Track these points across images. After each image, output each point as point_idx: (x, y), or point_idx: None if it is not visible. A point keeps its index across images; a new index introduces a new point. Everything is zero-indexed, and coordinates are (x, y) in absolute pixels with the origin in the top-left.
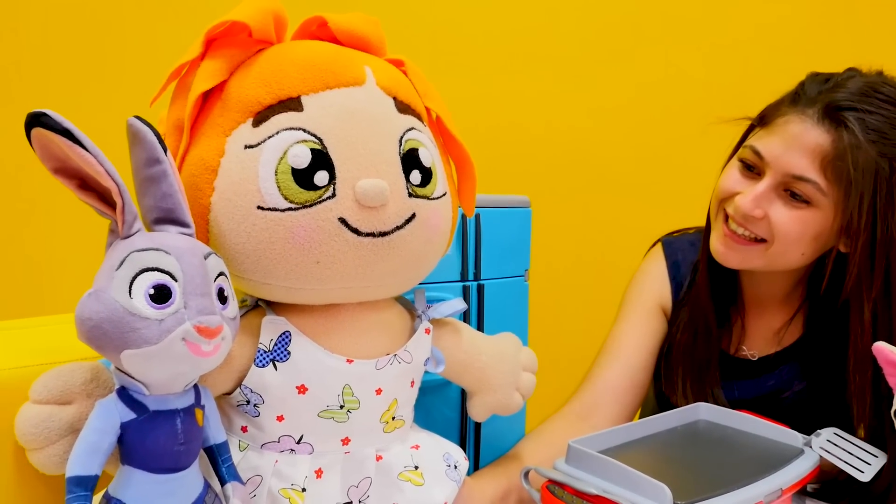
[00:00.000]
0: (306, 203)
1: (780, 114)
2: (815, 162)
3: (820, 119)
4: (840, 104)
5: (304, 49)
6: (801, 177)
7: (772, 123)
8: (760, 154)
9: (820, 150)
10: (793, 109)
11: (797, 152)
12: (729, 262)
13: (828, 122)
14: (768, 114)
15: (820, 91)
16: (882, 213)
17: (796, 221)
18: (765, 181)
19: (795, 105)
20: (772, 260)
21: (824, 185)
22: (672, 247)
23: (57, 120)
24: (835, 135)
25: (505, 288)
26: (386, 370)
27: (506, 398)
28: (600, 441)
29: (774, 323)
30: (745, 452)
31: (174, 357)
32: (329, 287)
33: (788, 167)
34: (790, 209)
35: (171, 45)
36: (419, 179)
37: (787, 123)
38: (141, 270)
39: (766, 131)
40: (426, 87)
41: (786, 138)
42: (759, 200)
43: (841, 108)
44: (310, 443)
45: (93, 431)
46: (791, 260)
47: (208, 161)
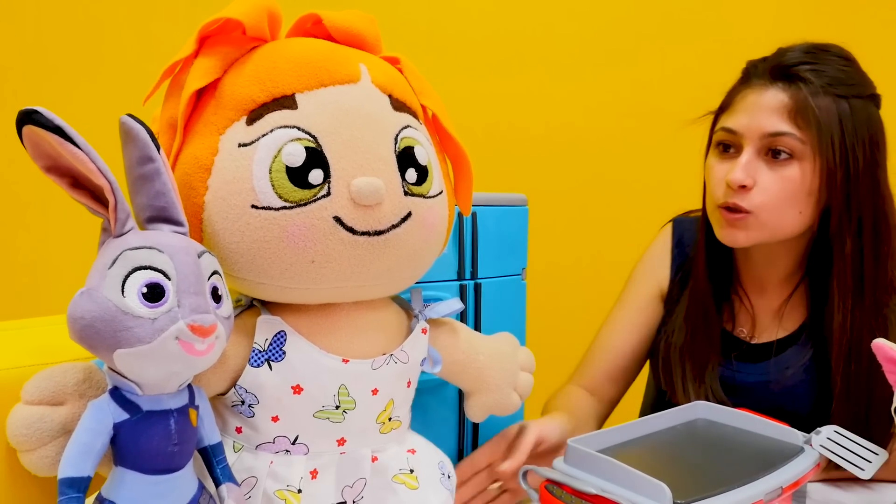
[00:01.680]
0: (301, 202)
1: (736, 94)
2: (783, 116)
3: (772, 82)
4: (787, 63)
5: (298, 46)
6: (775, 132)
7: (732, 104)
8: (731, 129)
9: (783, 106)
10: (746, 85)
11: (763, 114)
12: (738, 242)
13: (780, 82)
14: (726, 101)
15: (764, 64)
16: (851, 149)
17: (783, 180)
18: (746, 151)
19: (747, 81)
20: (772, 226)
21: (799, 133)
22: (682, 225)
23: (48, 117)
24: (791, 90)
25: (502, 287)
26: (382, 370)
27: (503, 398)
28: (599, 440)
29: (776, 305)
30: (745, 451)
31: (167, 356)
32: (324, 286)
33: (761, 128)
34: (775, 170)
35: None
36: (415, 178)
37: (745, 97)
38: (134, 269)
39: (730, 112)
40: (422, 85)
41: (749, 108)
42: (747, 168)
43: (789, 66)
44: (305, 443)
45: (85, 432)
46: (791, 222)
47: (202, 159)
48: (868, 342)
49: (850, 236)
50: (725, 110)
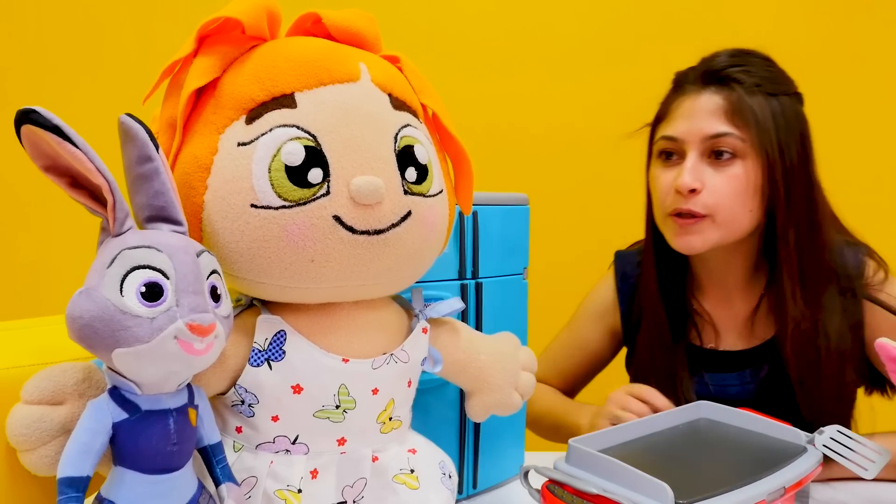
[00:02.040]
0: (300, 201)
1: (669, 103)
2: (721, 117)
3: (704, 86)
4: (716, 67)
5: (297, 45)
6: (716, 134)
7: (668, 113)
8: (672, 136)
9: (719, 108)
10: (679, 93)
11: (701, 117)
12: (694, 248)
13: (713, 86)
14: (661, 111)
15: (694, 70)
16: (786, 144)
17: (730, 179)
18: (690, 156)
19: (680, 90)
20: (726, 228)
21: (738, 132)
22: (624, 259)
23: (46, 116)
24: (724, 92)
25: (503, 286)
26: (382, 370)
27: (505, 398)
28: (600, 440)
29: (742, 313)
30: (748, 450)
31: (166, 356)
32: (324, 286)
33: (701, 131)
34: (721, 171)
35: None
36: (415, 177)
37: (681, 104)
38: (132, 268)
39: (666, 121)
40: (422, 84)
41: (686, 114)
42: (694, 172)
43: (719, 70)
44: (305, 443)
45: (84, 432)
46: (743, 221)
47: (201, 159)
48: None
49: (792, 228)
50: (662, 120)
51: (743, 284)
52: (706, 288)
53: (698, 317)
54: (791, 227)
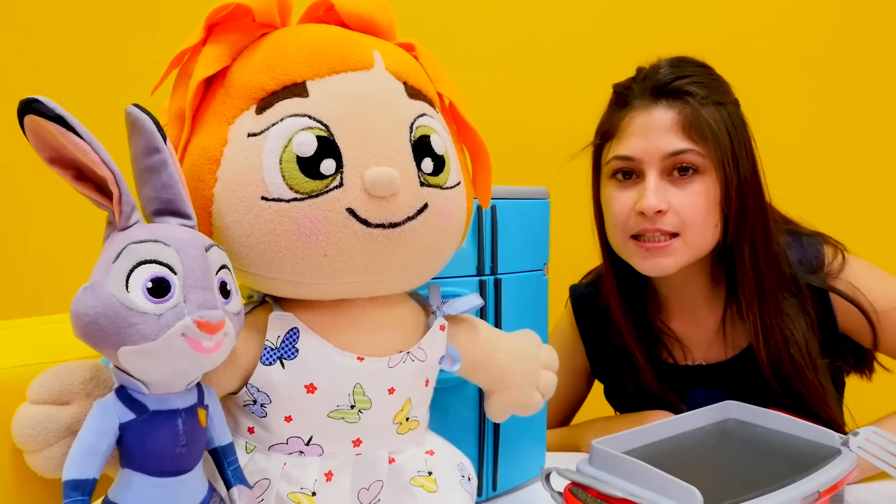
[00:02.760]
0: (312, 193)
1: (618, 120)
2: (678, 133)
3: (655, 101)
4: (664, 81)
5: (309, 32)
6: (675, 151)
7: (618, 131)
8: (628, 156)
9: (674, 122)
10: (627, 109)
11: (658, 134)
12: (665, 270)
13: (664, 99)
14: (607, 128)
15: (638, 84)
16: (740, 155)
17: (695, 196)
18: (650, 175)
19: (626, 105)
20: (694, 247)
21: (697, 147)
22: (578, 293)
23: (49, 106)
24: (677, 105)
25: (523, 282)
26: (399, 368)
27: (525, 397)
28: (625, 441)
29: (711, 325)
30: (779, 453)
31: (174, 354)
32: (338, 281)
33: (661, 149)
34: (684, 188)
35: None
36: (431, 167)
37: (632, 121)
38: (138, 263)
39: (618, 139)
40: (438, 72)
41: (640, 131)
42: (658, 193)
43: (667, 83)
44: (319, 444)
45: (90, 433)
46: (709, 238)
47: (210, 150)
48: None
49: (747, 243)
50: (611, 138)
51: (706, 297)
52: (671, 306)
53: (666, 336)
54: (745, 241)
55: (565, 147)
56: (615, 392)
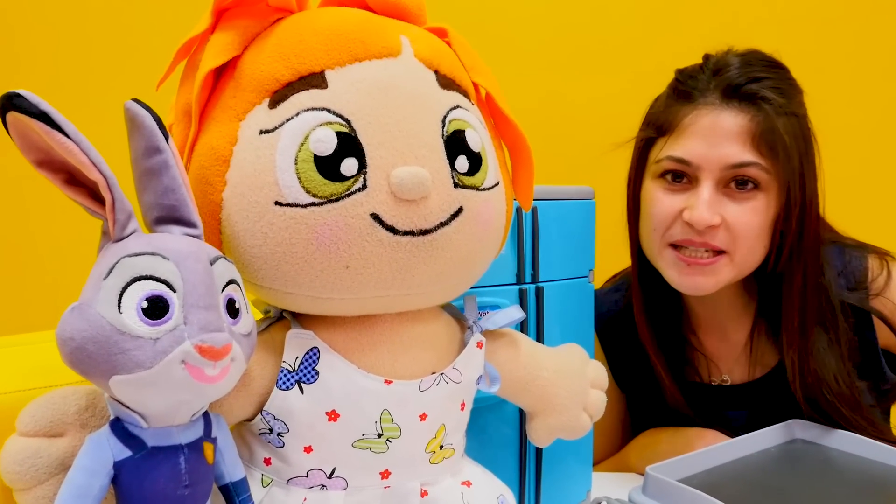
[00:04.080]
0: (332, 197)
1: (679, 115)
2: (746, 143)
3: (726, 102)
4: (737, 82)
5: (328, 16)
6: (739, 163)
7: (677, 128)
8: (685, 160)
9: (745, 130)
10: (692, 106)
11: (723, 142)
12: (702, 290)
13: (735, 101)
14: (662, 122)
15: (706, 78)
16: (808, 175)
17: (752, 213)
18: (705, 185)
19: (690, 99)
20: (741, 267)
21: (763, 162)
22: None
23: (32, 101)
24: (750, 111)
25: (567, 291)
26: (431, 392)
27: (572, 420)
28: (680, 467)
29: (738, 343)
30: (853, 478)
31: (172, 383)
32: (362, 296)
33: (724, 159)
34: (741, 203)
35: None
36: (466, 167)
37: (696, 120)
38: (133, 279)
39: (676, 137)
40: (474, 60)
41: (703, 134)
42: (712, 205)
43: (741, 85)
44: (343, 477)
45: (81, 472)
46: (758, 257)
47: (219, 150)
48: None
49: (799, 273)
50: (667, 134)
51: (736, 313)
52: (699, 319)
53: (693, 352)
54: (798, 271)
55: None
56: (638, 406)
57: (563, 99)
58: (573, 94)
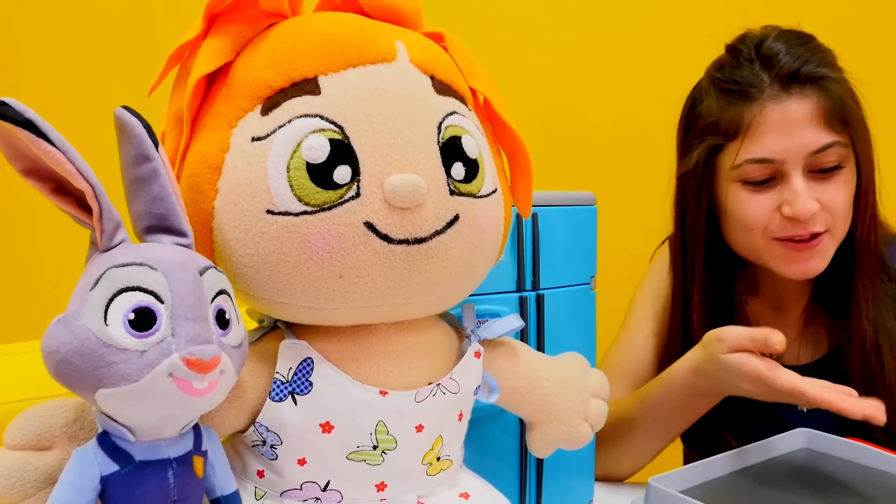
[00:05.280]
0: (325, 205)
1: (748, 116)
2: (820, 125)
3: (786, 91)
4: (793, 68)
5: (322, 21)
6: (821, 147)
7: (748, 130)
8: (768, 159)
9: (814, 113)
10: (756, 103)
11: (798, 130)
12: (816, 271)
13: (795, 87)
14: (730, 126)
15: (758, 72)
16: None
17: (843, 187)
18: (795, 176)
19: (752, 99)
20: (838, 241)
21: (841, 138)
22: None
23: (18, 109)
24: (812, 92)
25: (568, 298)
26: (428, 403)
27: (573, 430)
28: (684, 478)
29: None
30: (861, 490)
31: (160, 397)
32: (356, 305)
33: (805, 147)
34: (831, 182)
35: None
36: (463, 174)
37: (766, 116)
38: (119, 290)
39: (749, 138)
40: (471, 65)
41: (777, 128)
42: (809, 195)
43: (797, 70)
44: (338, 490)
45: (67, 487)
46: (849, 226)
47: (211, 158)
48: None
49: (873, 235)
50: (736, 137)
51: (798, 290)
52: (761, 293)
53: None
54: (872, 234)
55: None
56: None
57: (566, 103)
58: (576, 99)
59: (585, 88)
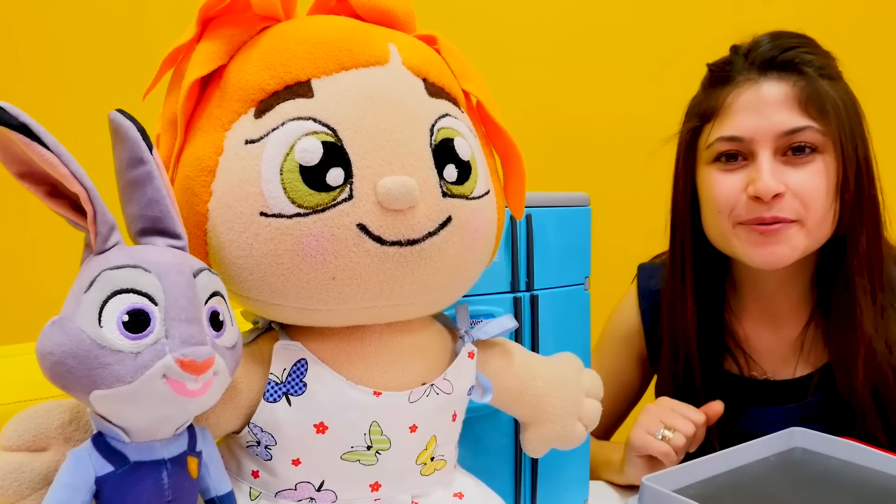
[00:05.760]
0: (318, 207)
1: (719, 98)
2: (794, 109)
3: (764, 74)
4: (771, 54)
5: (315, 25)
6: (793, 129)
7: (721, 109)
8: (737, 136)
9: (788, 97)
10: (730, 86)
11: (770, 110)
12: (781, 260)
13: (773, 72)
14: (705, 109)
15: (740, 59)
16: (858, 135)
17: (816, 175)
18: (763, 155)
19: (728, 81)
20: (813, 235)
21: (816, 124)
22: (646, 273)
23: (12, 113)
24: (790, 78)
25: (562, 298)
26: (421, 403)
27: (566, 429)
28: (678, 477)
29: (789, 337)
30: (854, 489)
31: (154, 398)
32: (350, 307)
33: (776, 127)
34: (803, 168)
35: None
36: (455, 176)
37: (738, 97)
38: (113, 293)
39: (721, 118)
40: (464, 68)
41: (749, 108)
42: (774, 174)
43: (776, 56)
44: (332, 490)
45: (62, 488)
46: (827, 226)
47: (204, 160)
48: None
49: (863, 235)
50: (711, 119)
51: (795, 305)
52: (751, 310)
53: (735, 340)
54: (861, 233)
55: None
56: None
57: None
58: (570, 100)
59: (579, 90)
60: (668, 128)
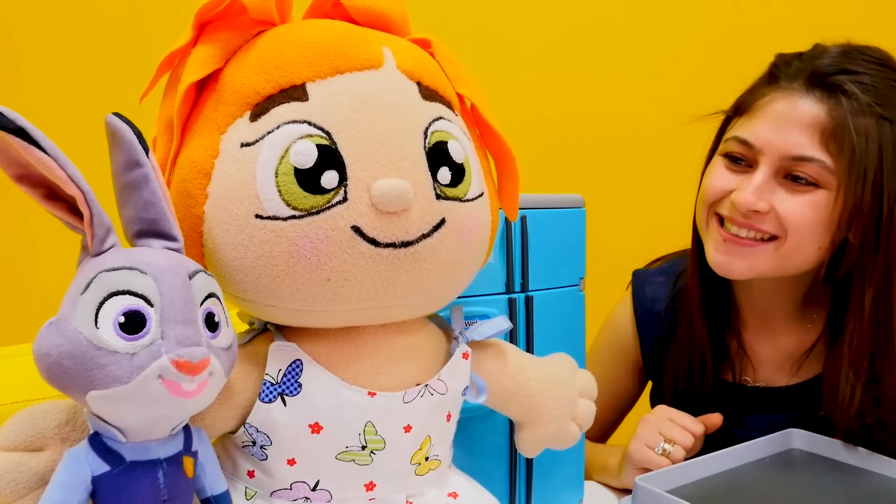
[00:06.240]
0: (312, 210)
1: (759, 96)
2: (815, 137)
3: (807, 90)
4: (826, 70)
5: (310, 29)
6: (801, 157)
7: (752, 108)
8: (748, 142)
9: (817, 123)
10: (774, 88)
11: (791, 130)
12: (733, 272)
13: (818, 90)
14: (745, 100)
15: (798, 64)
16: (887, 183)
17: (807, 207)
18: (761, 170)
19: (775, 83)
20: (784, 261)
21: (829, 160)
22: (641, 280)
23: (10, 117)
24: (829, 103)
25: (557, 299)
26: (416, 403)
27: (560, 430)
28: (672, 477)
29: (786, 348)
30: (852, 491)
31: (150, 398)
32: (344, 308)
33: (785, 148)
34: (796, 195)
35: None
36: (449, 178)
37: (772, 103)
38: (110, 294)
39: (748, 117)
40: (457, 71)
41: (774, 118)
42: (760, 192)
43: (829, 74)
44: (327, 489)
45: (58, 488)
46: (806, 256)
47: (200, 163)
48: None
49: (872, 287)
50: (743, 113)
51: (790, 317)
52: (745, 317)
53: (736, 350)
54: (870, 285)
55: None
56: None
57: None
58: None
59: (574, 91)
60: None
